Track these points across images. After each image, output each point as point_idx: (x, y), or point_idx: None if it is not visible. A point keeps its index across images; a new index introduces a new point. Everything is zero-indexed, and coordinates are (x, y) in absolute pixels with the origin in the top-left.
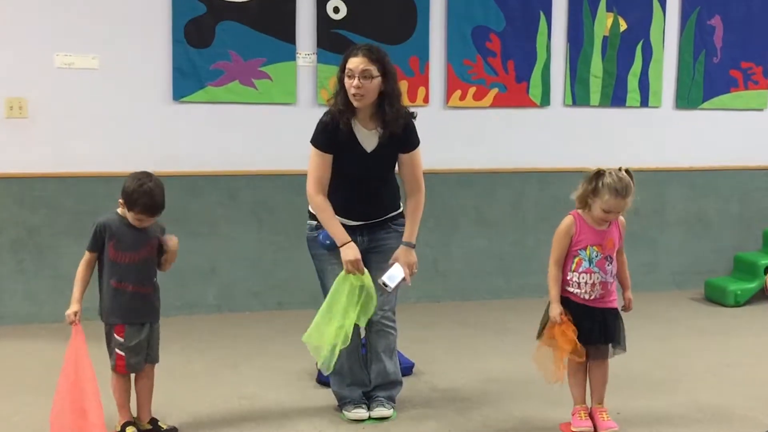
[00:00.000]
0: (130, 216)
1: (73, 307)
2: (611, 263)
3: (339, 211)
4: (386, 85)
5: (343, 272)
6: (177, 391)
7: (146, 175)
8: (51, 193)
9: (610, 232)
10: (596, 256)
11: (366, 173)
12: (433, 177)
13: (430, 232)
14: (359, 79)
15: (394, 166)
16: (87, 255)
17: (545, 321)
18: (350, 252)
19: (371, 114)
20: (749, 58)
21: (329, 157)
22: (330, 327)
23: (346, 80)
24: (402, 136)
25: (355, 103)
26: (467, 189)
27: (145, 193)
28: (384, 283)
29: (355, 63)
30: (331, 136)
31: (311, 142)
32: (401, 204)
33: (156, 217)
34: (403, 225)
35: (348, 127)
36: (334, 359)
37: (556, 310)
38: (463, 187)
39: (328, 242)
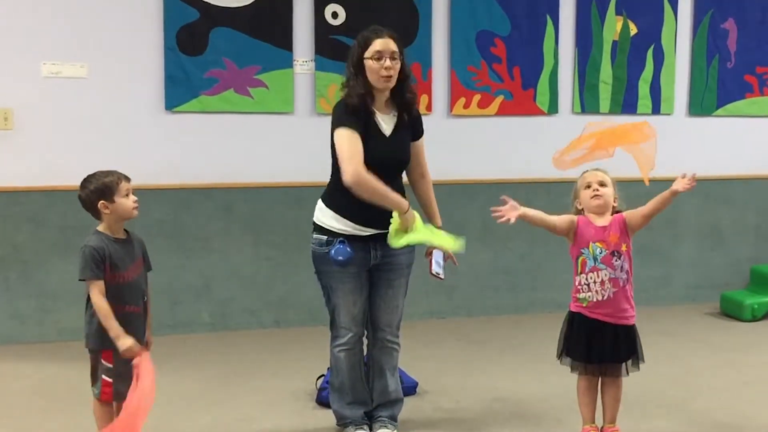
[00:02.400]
0: (121, 205)
1: (127, 341)
2: (619, 258)
3: (352, 212)
4: (404, 67)
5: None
6: (170, 412)
7: (89, 175)
8: (37, 208)
9: (611, 227)
10: (600, 253)
11: (384, 158)
12: (437, 188)
13: None
14: (389, 60)
15: (409, 160)
16: (96, 284)
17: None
18: (411, 214)
19: (387, 99)
20: (765, 62)
21: (360, 137)
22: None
23: (373, 63)
24: (415, 123)
25: (382, 86)
26: (472, 200)
27: (106, 173)
28: (436, 273)
29: (385, 44)
30: (359, 115)
31: (338, 123)
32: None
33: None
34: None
35: (370, 111)
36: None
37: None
38: (468, 199)
39: (341, 258)
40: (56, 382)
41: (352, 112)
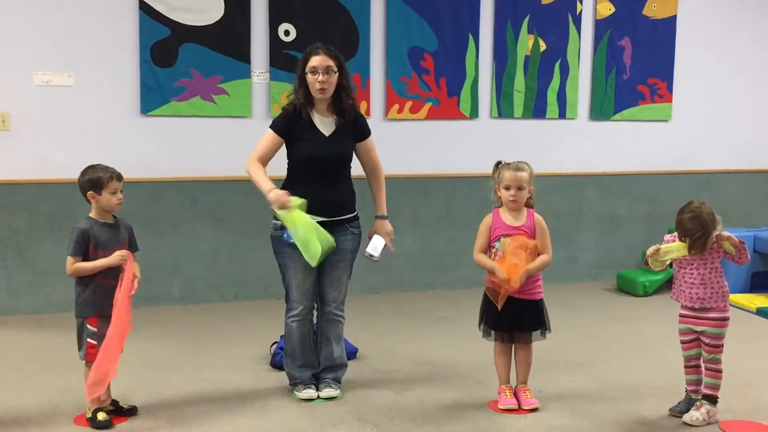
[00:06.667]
0: (105, 199)
1: (114, 258)
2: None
3: None
4: (342, 79)
5: (289, 219)
6: (144, 374)
7: (90, 166)
8: (31, 198)
9: (523, 227)
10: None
11: (324, 154)
12: None
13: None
14: (323, 75)
15: (350, 157)
16: (73, 259)
17: (484, 311)
18: (274, 194)
19: (328, 105)
20: (655, 74)
21: (278, 141)
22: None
23: (310, 77)
24: (357, 126)
25: (318, 96)
26: (404, 192)
27: (103, 168)
28: (369, 255)
29: (319, 60)
30: (290, 123)
31: (270, 124)
32: (356, 208)
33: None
34: (359, 227)
35: (308, 117)
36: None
37: (500, 274)
38: (400, 191)
39: (291, 241)
40: (48, 348)
41: (284, 116)
